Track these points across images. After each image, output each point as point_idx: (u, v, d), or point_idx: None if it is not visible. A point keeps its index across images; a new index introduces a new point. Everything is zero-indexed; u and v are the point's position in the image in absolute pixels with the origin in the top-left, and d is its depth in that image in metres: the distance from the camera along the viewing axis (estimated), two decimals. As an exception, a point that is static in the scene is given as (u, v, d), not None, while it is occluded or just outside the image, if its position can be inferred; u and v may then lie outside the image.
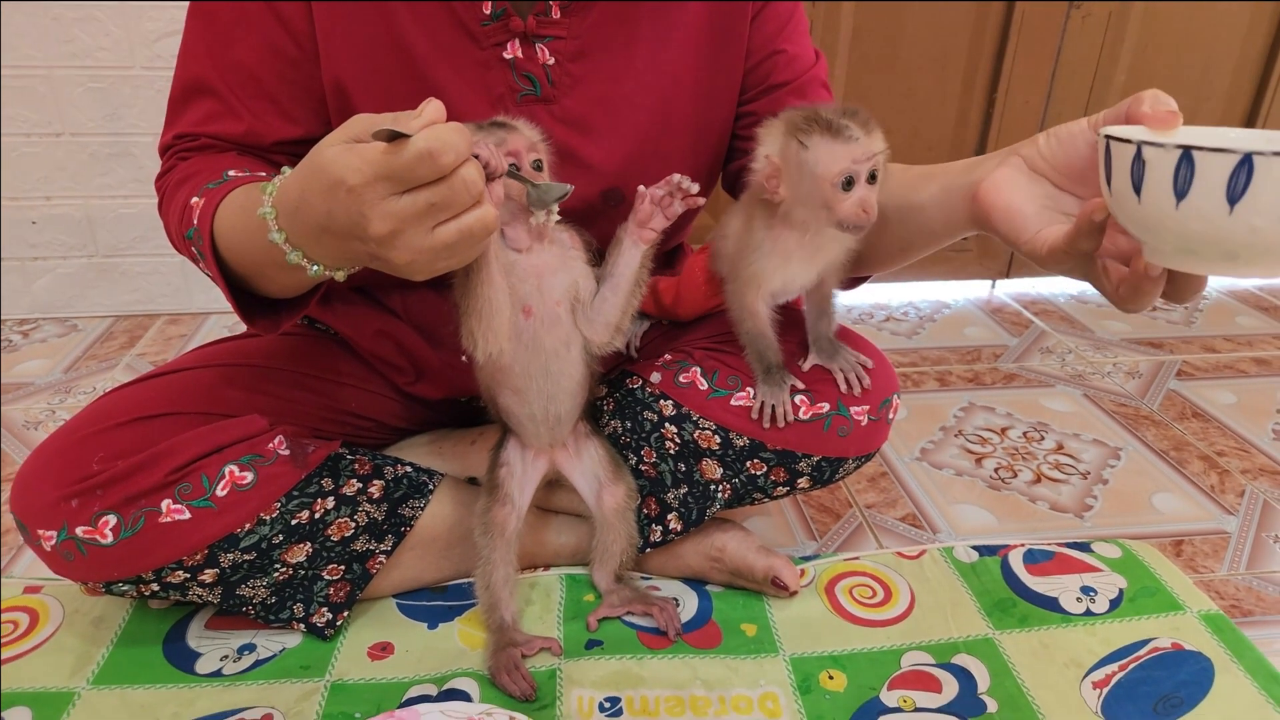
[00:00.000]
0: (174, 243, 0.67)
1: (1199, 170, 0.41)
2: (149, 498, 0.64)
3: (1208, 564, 0.90)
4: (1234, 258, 0.42)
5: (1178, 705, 0.70)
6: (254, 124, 0.67)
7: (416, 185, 0.47)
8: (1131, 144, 0.43)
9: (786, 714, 0.69)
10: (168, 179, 0.68)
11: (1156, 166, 0.42)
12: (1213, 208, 0.41)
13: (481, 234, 0.50)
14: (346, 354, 0.83)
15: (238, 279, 0.62)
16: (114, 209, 1.42)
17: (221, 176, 0.63)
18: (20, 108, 1.33)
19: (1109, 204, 0.47)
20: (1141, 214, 0.44)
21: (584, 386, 0.73)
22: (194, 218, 0.61)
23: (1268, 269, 0.43)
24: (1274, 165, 0.39)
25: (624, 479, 0.76)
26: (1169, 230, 0.44)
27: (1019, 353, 1.40)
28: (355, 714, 0.67)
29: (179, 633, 0.75)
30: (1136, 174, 0.43)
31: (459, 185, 0.48)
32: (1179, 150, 0.42)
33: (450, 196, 0.48)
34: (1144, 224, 0.45)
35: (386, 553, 0.76)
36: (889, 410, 0.75)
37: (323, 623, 0.74)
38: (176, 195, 0.64)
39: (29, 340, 1.39)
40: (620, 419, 0.79)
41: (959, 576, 0.85)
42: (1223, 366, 1.36)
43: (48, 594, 0.79)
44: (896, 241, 0.69)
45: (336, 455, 0.74)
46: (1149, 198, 0.43)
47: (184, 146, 0.69)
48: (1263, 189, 0.40)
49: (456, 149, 0.47)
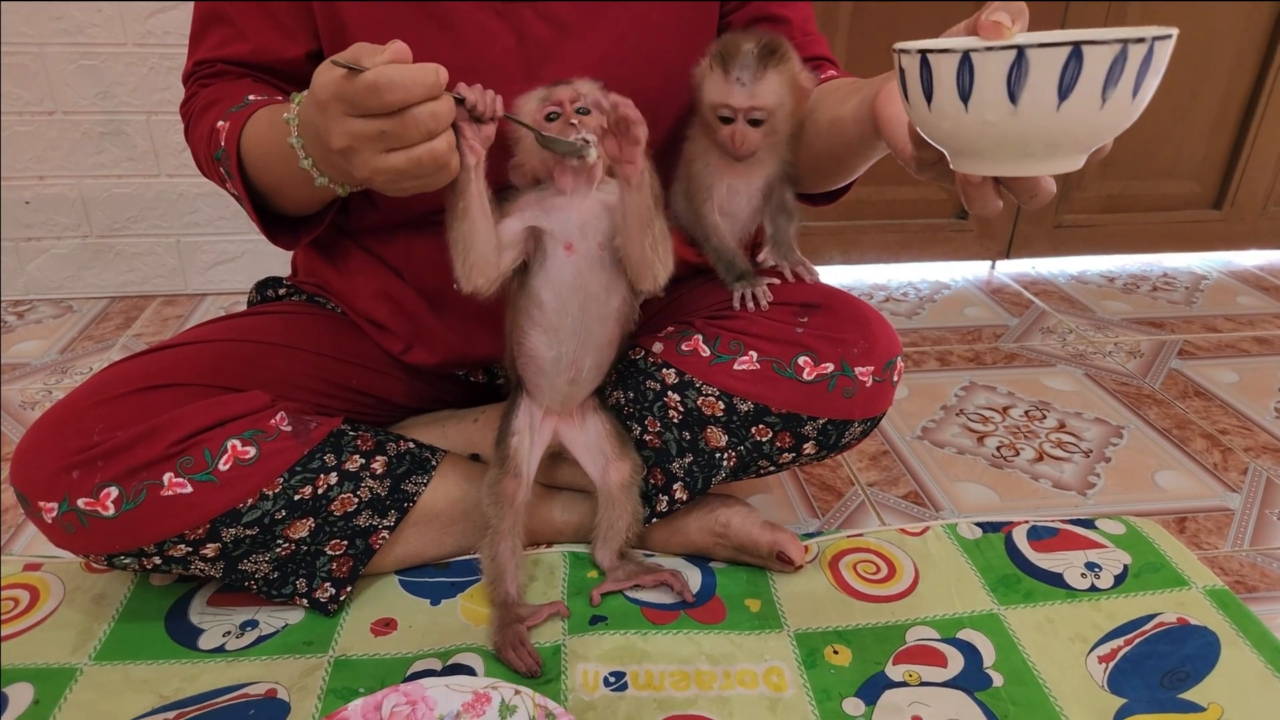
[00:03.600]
0: (201, 167, 0.71)
1: (936, 73, 0.41)
2: (150, 470, 0.63)
3: (1211, 540, 0.90)
4: (999, 153, 0.42)
5: (1184, 679, 0.70)
6: (259, 42, 0.71)
7: (370, 113, 0.52)
8: (909, 54, 0.43)
9: (792, 688, 0.68)
10: (192, 105, 0.72)
11: (909, 73, 0.43)
12: (953, 108, 0.41)
13: (431, 165, 0.54)
14: (347, 330, 0.82)
15: (261, 198, 0.68)
16: (108, 188, 1.40)
17: (243, 100, 0.67)
18: (12, 85, 1.31)
19: (910, 116, 0.47)
20: (922, 122, 0.45)
21: (613, 346, 0.73)
22: (221, 139, 0.65)
23: (1040, 162, 0.42)
24: (989, 60, 0.39)
25: (630, 455, 0.76)
26: (939, 135, 0.44)
27: (1019, 333, 1.40)
28: (359, 689, 0.67)
29: (181, 609, 0.75)
30: (903, 83, 0.44)
31: (409, 121, 0.52)
32: (919, 55, 0.42)
33: (399, 129, 0.52)
34: (927, 132, 0.45)
35: (389, 528, 0.75)
36: (893, 372, 0.74)
37: (326, 598, 0.74)
38: (202, 120, 0.69)
39: (24, 321, 1.38)
40: (623, 389, 0.79)
41: (963, 553, 0.85)
42: (1224, 346, 1.36)
43: (48, 571, 0.79)
44: (828, 154, 0.72)
45: (339, 431, 0.73)
46: (916, 105, 0.44)
47: (203, 74, 0.73)
48: (984, 84, 0.40)
49: (405, 88, 0.51)
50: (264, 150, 0.64)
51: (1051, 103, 0.40)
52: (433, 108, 0.53)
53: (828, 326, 0.73)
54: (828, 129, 0.70)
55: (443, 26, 0.68)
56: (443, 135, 0.54)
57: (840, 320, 0.73)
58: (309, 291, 0.86)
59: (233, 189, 0.67)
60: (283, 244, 0.72)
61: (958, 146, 0.44)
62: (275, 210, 0.70)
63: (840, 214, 1.60)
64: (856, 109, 0.64)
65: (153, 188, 1.41)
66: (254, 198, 0.68)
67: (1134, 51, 0.39)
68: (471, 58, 0.69)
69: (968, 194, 0.48)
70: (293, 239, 0.72)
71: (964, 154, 0.45)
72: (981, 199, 0.48)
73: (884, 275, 1.63)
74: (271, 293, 0.88)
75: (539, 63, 0.71)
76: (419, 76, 0.51)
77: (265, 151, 0.64)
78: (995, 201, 0.48)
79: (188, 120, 0.72)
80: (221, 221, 1.45)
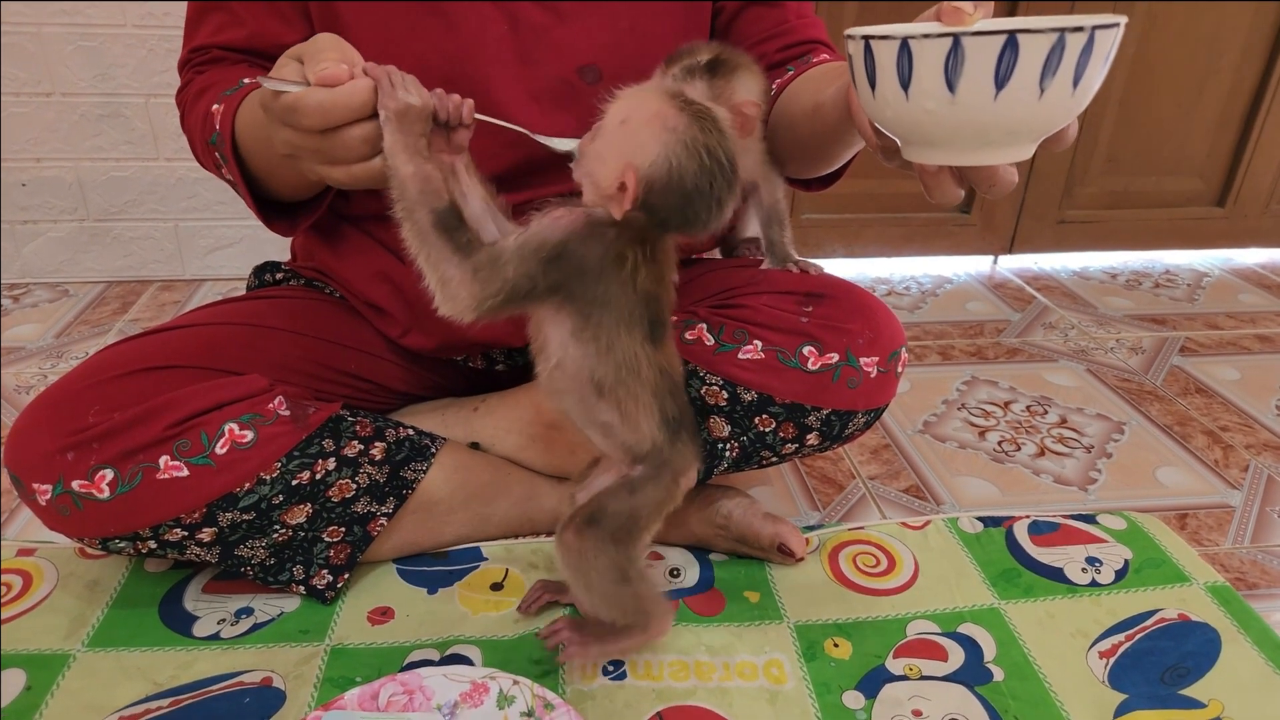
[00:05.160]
0: (197, 154, 0.70)
1: (878, 60, 0.40)
2: (147, 453, 0.62)
3: (1212, 537, 0.90)
4: (944, 142, 0.42)
5: (1184, 675, 0.70)
6: (256, 27, 0.70)
7: (302, 129, 0.51)
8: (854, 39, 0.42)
9: (791, 680, 0.68)
10: (187, 92, 0.71)
11: (855, 59, 0.42)
12: (895, 96, 0.40)
13: (370, 182, 0.53)
14: (346, 315, 0.81)
15: (258, 184, 0.67)
16: (105, 171, 1.39)
17: (237, 84, 0.66)
18: (10, 66, 1.30)
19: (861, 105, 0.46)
20: (869, 109, 0.44)
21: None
22: (215, 123, 0.64)
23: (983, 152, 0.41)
24: (926, 47, 0.38)
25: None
26: (885, 122, 0.43)
27: (1022, 328, 1.39)
28: (356, 678, 0.66)
29: (176, 595, 0.74)
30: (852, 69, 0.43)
31: (338, 142, 0.51)
32: (863, 41, 0.41)
33: (329, 148, 0.52)
34: (874, 119, 0.44)
35: (388, 515, 0.75)
36: (897, 363, 0.74)
37: (323, 585, 0.73)
38: (197, 106, 0.68)
39: (20, 305, 1.37)
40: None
41: (963, 547, 0.84)
42: (1226, 343, 1.36)
43: (41, 556, 0.78)
44: (811, 139, 0.70)
45: (337, 417, 0.72)
46: (863, 92, 0.43)
47: (199, 60, 0.72)
48: (922, 72, 0.39)
49: (324, 112, 0.50)
50: (252, 134, 0.63)
51: (989, 92, 0.39)
52: (365, 130, 0.51)
53: (833, 316, 0.72)
54: (810, 114, 0.68)
55: (435, 10, 0.68)
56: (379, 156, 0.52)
57: (845, 310, 0.73)
58: (307, 276, 0.85)
59: (228, 174, 0.66)
60: (280, 230, 0.71)
61: (904, 135, 0.44)
62: (272, 196, 0.69)
63: (843, 207, 1.59)
64: (835, 95, 0.62)
65: (151, 171, 1.40)
66: (250, 183, 0.66)
67: (1072, 40, 0.38)
68: (464, 43, 0.68)
69: (925, 183, 0.48)
70: (290, 225, 0.71)
71: (912, 142, 0.44)
72: (938, 187, 0.47)
73: (886, 269, 1.63)
74: (270, 277, 0.87)
75: (532, 48, 0.70)
76: (341, 99, 0.50)
77: (254, 135, 0.63)
78: (954, 190, 0.48)
79: (183, 107, 0.71)
80: (220, 206, 1.44)
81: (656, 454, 0.61)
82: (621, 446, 0.62)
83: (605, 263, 0.55)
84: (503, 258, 0.54)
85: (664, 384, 0.60)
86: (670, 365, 0.61)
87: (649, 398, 0.59)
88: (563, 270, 0.54)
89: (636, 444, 0.61)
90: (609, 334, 0.56)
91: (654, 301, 0.58)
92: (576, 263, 0.54)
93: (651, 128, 0.52)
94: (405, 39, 0.61)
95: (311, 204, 0.71)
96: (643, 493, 0.62)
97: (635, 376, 0.58)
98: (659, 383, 0.60)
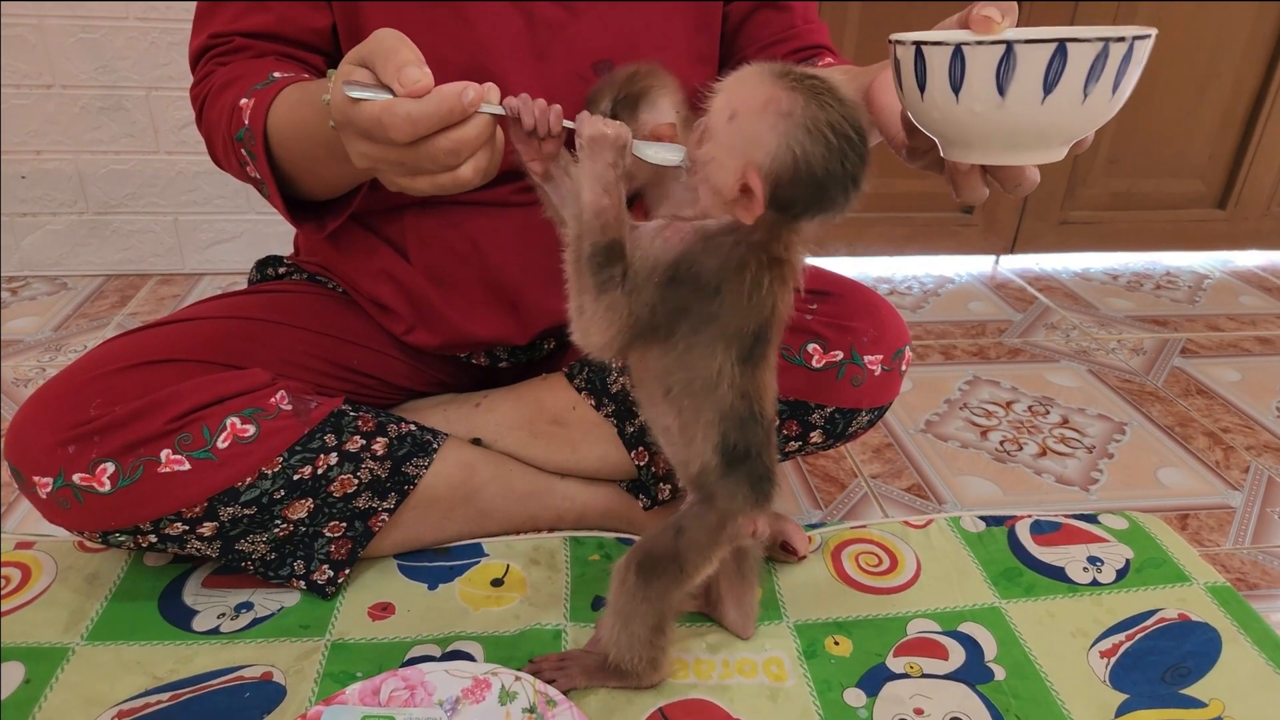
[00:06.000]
0: (215, 151, 0.67)
1: (930, 65, 0.43)
2: (148, 446, 0.62)
3: (1213, 538, 0.90)
4: (987, 143, 0.45)
5: (1185, 675, 0.70)
6: (283, 12, 0.67)
7: (383, 142, 0.48)
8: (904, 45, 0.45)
9: (792, 678, 0.68)
10: (208, 84, 0.66)
11: (904, 64, 0.44)
12: (944, 98, 0.43)
13: (455, 189, 0.51)
14: (349, 310, 0.81)
15: (285, 182, 0.64)
16: (105, 164, 1.38)
17: (267, 78, 0.63)
18: (10, 58, 1.29)
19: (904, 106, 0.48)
20: (915, 111, 0.46)
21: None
22: (245, 118, 0.61)
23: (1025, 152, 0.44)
24: (979, 54, 0.41)
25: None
26: (930, 123, 0.46)
27: (1023, 328, 1.39)
28: (357, 673, 0.66)
29: (175, 590, 0.74)
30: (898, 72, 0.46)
31: (424, 154, 0.49)
32: (914, 46, 0.43)
33: (415, 161, 0.49)
34: (919, 120, 0.47)
35: (389, 510, 0.74)
36: (901, 362, 0.74)
37: (324, 580, 0.73)
38: (220, 99, 0.64)
39: (18, 298, 1.36)
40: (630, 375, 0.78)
41: (965, 546, 0.84)
42: (1227, 345, 1.36)
43: (40, 550, 0.78)
44: None
45: (339, 412, 0.72)
46: (910, 94, 0.45)
47: (219, 50, 0.68)
48: (974, 76, 0.42)
49: (414, 123, 0.47)
50: (295, 128, 0.60)
51: (1037, 96, 0.42)
52: (455, 138, 0.48)
53: (837, 314, 0.72)
54: None
55: (452, 7, 0.67)
56: (469, 162, 0.50)
57: (850, 308, 0.72)
58: (310, 271, 0.85)
59: (254, 172, 0.63)
60: (308, 230, 0.68)
61: (948, 135, 0.46)
62: (298, 195, 0.66)
63: (844, 206, 1.59)
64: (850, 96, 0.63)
65: (151, 164, 1.40)
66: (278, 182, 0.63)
67: (1115, 50, 0.41)
68: (480, 39, 0.68)
69: (956, 182, 0.50)
70: (318, 225, 0.68)
71: (954, 143, 0.46)
72: (969, 187, 0.50)
73: (888, 268, 1.63)
74: (272, 271, 0.87)
75: (548, 44, 0.70)
76: (430, 109, 0.47)
77: (297, 130, 0.59)
78: (982, 190, 0.50)
79: (201, 102, 0.67)
80: (220, 200, 1.44)
81: (707, 483, 0.57)
82: (675, 459, 0.60)
83: (725, 274, 0.51)
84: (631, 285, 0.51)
85: (739, 409, 0.55)
86: (757, 393, 0.55)
87: (714, 418, 0.55)
88: (681, 293, 0.51)
89: (686, 461, 0.58)
90: (699, 343, 0.52)
91: (766, 316, 0.53)
92: (694, 282, 0.51)
93: (765, 117, 0.48)
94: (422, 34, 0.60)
95: (341, 202, 0.68)
96: (688, 534, 0.59)
97: (708, 392, 0.54)
98: (733, 407, 0.54)
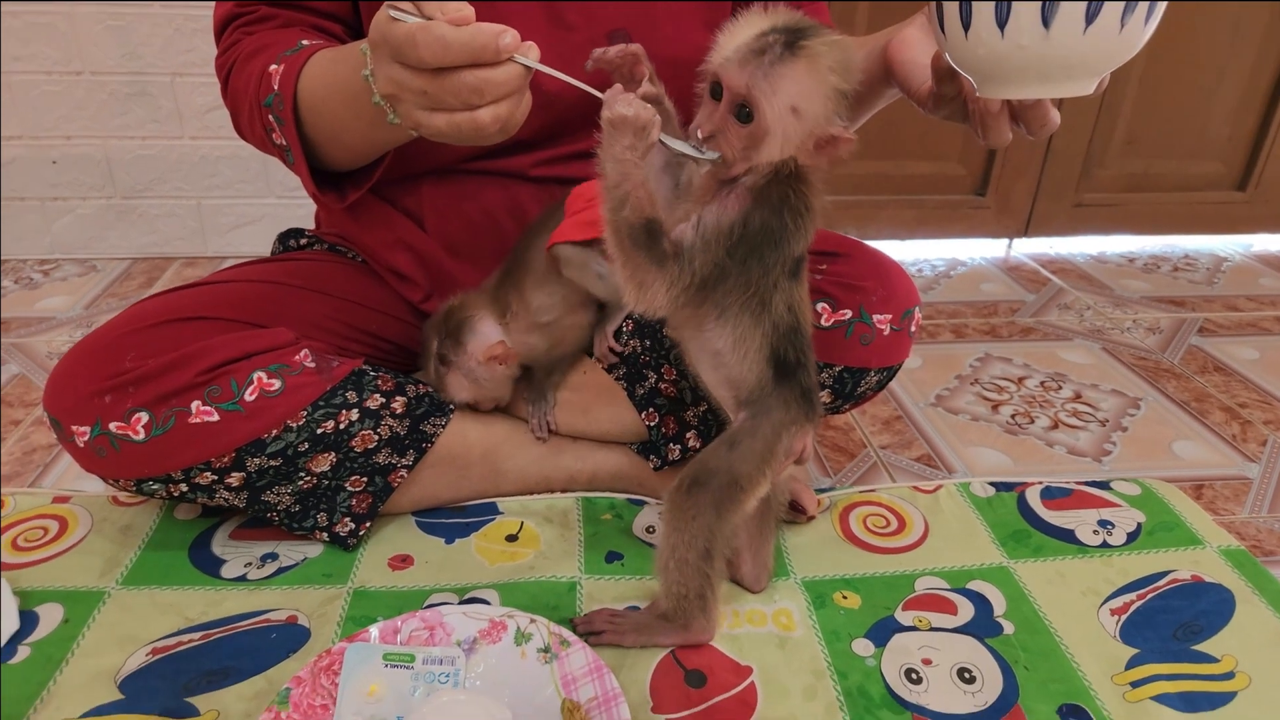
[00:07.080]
0: (240, 120, 0.68)
1: (976, 5, 0.46)
2: (179, 397, 0.64)
3: (1228, 507, 0.90)
4: (1025, 77, 0.48)
5: (1197, 632, 0.70)
6: None
7: (412, 65, 0.49)
8: None
9: (801, 628, 0.69)
10: (234, 53, 0.68)
11: (948, 9, 0.48)
12: (990, 34, 0.46)
13: (472, 134, 0.51)
14: (368, 278, 0.83)
15: (309, 153, 0.65)
16: (132, 150, 1.42)
17: (296, 45, 0.64)
18: (42, 45, 1.33)
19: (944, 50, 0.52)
20: (956, 50, 0.49)
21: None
22: (274, 83, 0.63)
23: (1060, 84, 0.47)
24: None
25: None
26: (972, 61, 0.49)
27: (1036, 308, 1.39)
28: (378, 617, 0.68)
29: (204, 540, 0.77)
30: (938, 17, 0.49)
31: (448, 85, 0.49)
32: None
33: (438, 91, 0.49)
34: (960, 60, 0.50)
35: (408, 467, 0.77)
36: (910, 322, 0.75)
37: (345, 532, 0.75)
38: (249, 66, 0.66)
39: (49, 279, 1.40)
40: (640, 338, 0.79)
41: (974, 510, 0.85)
42: (1245, 324, 1.35)
43: (76, 504, 0.81)
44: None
45: (360, 371, 0.74)
46: (953, 35, 0.48)
47: (246, 19, 0.70)
48: (1021, 11, 0.45)
49: (444, 47, 0.47)
50: (327, 91, 0.60)
51: (1080, 27, 0.45)
52: (482, 76, 0.48)
53: (846, 274, 0.73)
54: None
55: None
56: (488, 107, 0.50)
57: (859, 268, 0.74)
58: (330, 241, 0.87)
59: (280, 139, 0.64)
60: (329, 201, 0.69)
61: (988, 72, 0.49)
62: (321, 166, 0.67)
63: (857, 188, 1.60)
64: (865, 61, 0.64)
65: (175, 150, 1.43)
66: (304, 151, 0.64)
67: None
68: (497, 6, 0.70)
69: (985, 123, 0.54)
70: (339, 196, 0.69)
71: (991, 79, 0.50)
72: (997, 128, 0.54)
73: (900, 251, 1.63)
74: (294, 242, 0.89)
75: (564, 12, 0.72)
76: (465, 37, 0.47)
77: (328, 93, 0.60)
78: (1008, 131, 0.54)
79: (227, 71, 0.68)
80: (242, 185, 1.47)
81: (761, 398, 0.60)
82: (728, 381, 0.61)
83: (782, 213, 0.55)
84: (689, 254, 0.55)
85: (788, 322, 0.59)
86: (800, 306, 0.60)
87: (768, 329, 0.58)
88: (749, 243, 0.55)
89: (739, 379, 0.60)
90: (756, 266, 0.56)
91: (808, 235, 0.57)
92: (757, 230, 0.55)
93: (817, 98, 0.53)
94: None
95: (365, 172, 0.69)
96: (742, 447, 0.60)
97: (763, 308, 0.58)
98: (783, 319, 0.58)
